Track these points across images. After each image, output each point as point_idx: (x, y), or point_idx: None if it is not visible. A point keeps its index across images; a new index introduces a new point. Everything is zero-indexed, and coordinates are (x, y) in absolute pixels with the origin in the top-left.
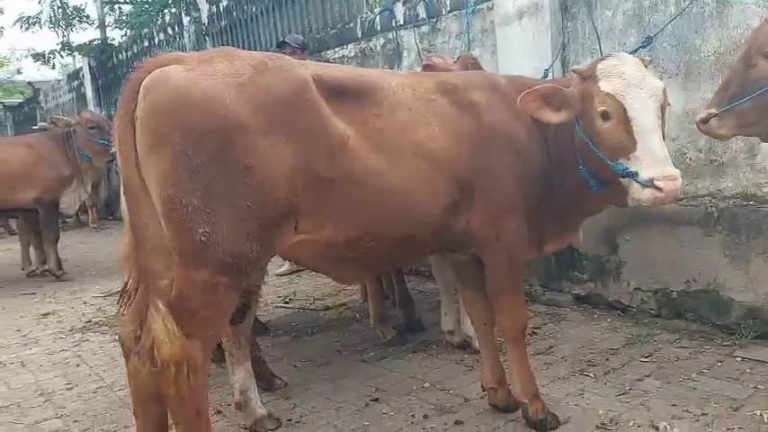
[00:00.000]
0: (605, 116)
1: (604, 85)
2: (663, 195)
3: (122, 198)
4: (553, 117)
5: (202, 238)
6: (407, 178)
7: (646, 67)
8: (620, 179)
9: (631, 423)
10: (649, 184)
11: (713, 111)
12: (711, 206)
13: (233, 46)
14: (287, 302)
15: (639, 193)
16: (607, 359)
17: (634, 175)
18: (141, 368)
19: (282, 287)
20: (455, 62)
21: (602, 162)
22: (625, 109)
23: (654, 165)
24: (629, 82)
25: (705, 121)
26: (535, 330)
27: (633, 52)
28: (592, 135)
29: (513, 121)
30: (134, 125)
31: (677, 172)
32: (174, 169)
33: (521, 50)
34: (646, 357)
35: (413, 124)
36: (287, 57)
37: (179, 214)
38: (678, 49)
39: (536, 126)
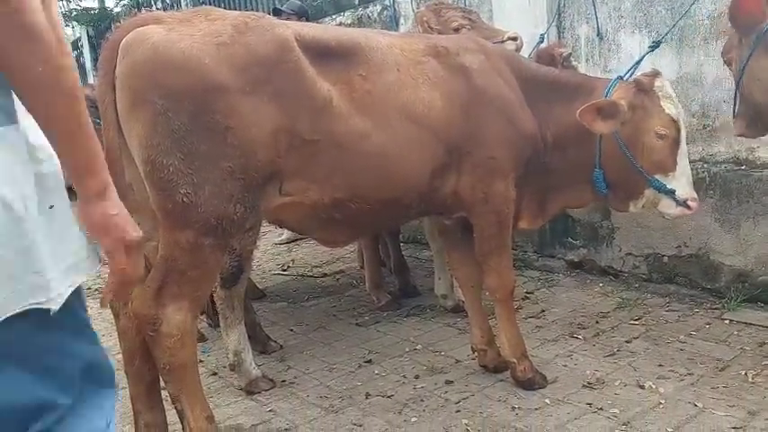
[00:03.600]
0: (661, 136)
1: (669, 108)
2: (690, 212)
3: None
4: (602, 127)
5: (184, 199)
6: (394, 140)
7: None
8: (645, 190)
9: (618, 382)
10: (683, 203)
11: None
12: (704, 171)
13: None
14: (285, 270)
15: (671, 208)
16: (597, 322)
17: (671, 193)
18: (130, 328)
19: (281, 255)
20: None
21: (635, 172)
22: (680, 134)
23: (688, 186)
24: (680, 109)
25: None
26: (528, 295)
27: (642, 58)
28: (635, 146)
29: (504, 86)
30: (114, 86)
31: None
32: (154, 130)
33: (517, 16)
34: (635, 320)
35: (401, 86)
36: (269, 16)
37: (160, 175)
38: (672, 12)
39: (527, 97)
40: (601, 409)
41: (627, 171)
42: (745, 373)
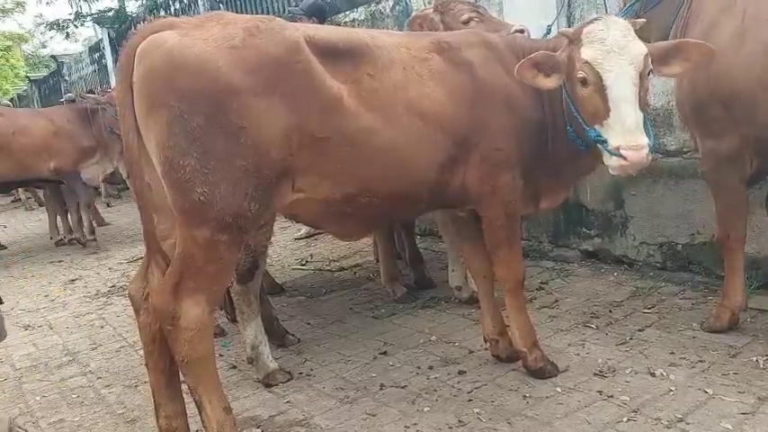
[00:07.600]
0: (584, 82)
1: (585, 52)
2: (627, 164)
3: None
4: (546, 83)
5: (201, 198)
6: (402, 136)
7: (637, 28)
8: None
9: (629, 370)
10: (616, 152)
11: None
12: None
13: (247, 13)
14: (303, 264)
15: (608, 160)
16: (610, 311)
17: (604, 143)
18: (150, 322)
19: (300, 250)
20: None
21: (579, 124)
22: (601, 77)
23: (623, 134)
24: (610, 48)
25: None
26: (542, 285)
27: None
28: (574, 99)
29: (507, 77)
30: (132, 90)
31: (644, 141)
32: (170, 132)
33: (527, 7)
34: (648, 309)
35: (407, 83)
36: (279, 19)
37: (177, 175)
38: None
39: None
40: (611, 396)
41: (578, 124)
42: (757, 360)
